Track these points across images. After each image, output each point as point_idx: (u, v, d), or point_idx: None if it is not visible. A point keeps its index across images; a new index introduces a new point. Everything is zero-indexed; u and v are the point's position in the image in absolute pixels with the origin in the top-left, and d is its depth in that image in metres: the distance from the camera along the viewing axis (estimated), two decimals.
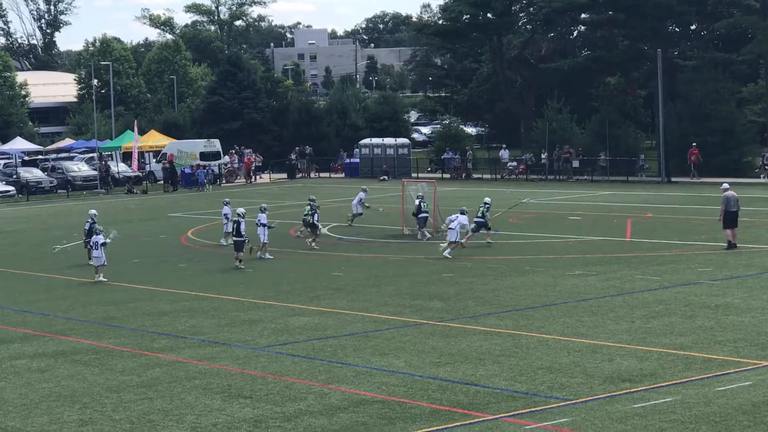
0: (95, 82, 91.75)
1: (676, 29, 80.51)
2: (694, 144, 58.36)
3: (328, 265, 32.34)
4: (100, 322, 24.46)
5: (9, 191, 64.97)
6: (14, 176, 67.90)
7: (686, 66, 71.61)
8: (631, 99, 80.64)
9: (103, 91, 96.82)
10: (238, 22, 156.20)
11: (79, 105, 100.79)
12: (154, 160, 72.77)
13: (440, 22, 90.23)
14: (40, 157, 78.13)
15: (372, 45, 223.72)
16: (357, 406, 16.41)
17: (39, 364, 20.30)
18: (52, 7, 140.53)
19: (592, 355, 19.01)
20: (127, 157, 71.97)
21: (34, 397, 17.78)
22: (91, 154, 74.57)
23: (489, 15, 79.66)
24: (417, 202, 37.94)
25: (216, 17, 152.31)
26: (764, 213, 40.49)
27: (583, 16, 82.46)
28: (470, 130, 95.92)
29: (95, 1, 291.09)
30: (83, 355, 20.99)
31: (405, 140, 73.39)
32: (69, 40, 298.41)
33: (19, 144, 79.42)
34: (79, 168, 71.03)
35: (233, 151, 74.94)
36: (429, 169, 71.68)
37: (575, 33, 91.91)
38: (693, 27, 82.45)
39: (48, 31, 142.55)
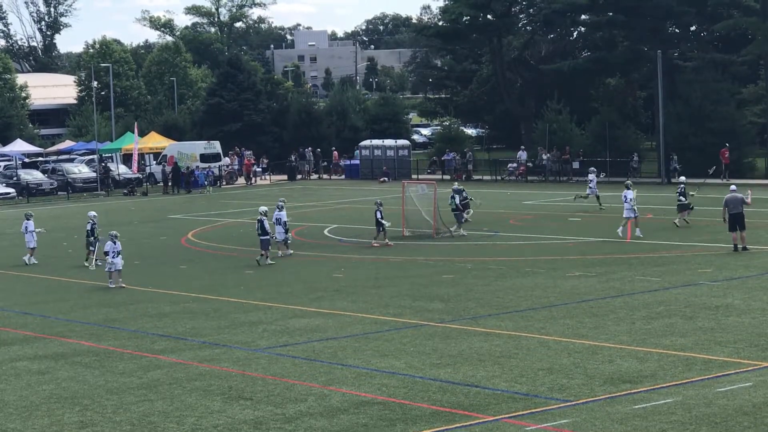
0: (95, 83, 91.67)
1: (676, 30, 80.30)
2: (726, 144, 58.16)
3: (328, 266, 32.34)
4: (100, 323, 24.47)
5: (9, 193, 64.98)
6: (14, 178, 67.90)
7: (686, 67, 71.48)
8: (631, 100, 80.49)
9: (103, 92, 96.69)
10: (238, 24, 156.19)
11: (79, 107, 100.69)
12: (155, 162, 72.78)
13: (440, 23, 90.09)
14: (40, 159, 78.17)
15: (372, 46, 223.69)
16: (357, 407, 16.41)
17: (39, 365, 20.30)
18: (52, 9, 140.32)
19: (593, 357, 19.01)
20: (127, 158, 71.97)
21: (34, 399, 17.78)
22: (91, 156, 74.56)
23: (489, 16, 79.51)
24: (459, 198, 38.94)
25: (216, 19, 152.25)
26: (764, 213, 40.47)
27: (583, 17, 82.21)
28: (470, 131, 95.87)
29: (95, 3, 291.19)
30: (84, 356, 20.99)
31: (405, 142, 73.45)
32: (69, 42, 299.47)
33: (19, 146, 79.44)
34: (80, 170, 71.01)
35: (232, 153, 74.95)
36: (429, 170, 71.64)
37: (575, 34, 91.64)
38: (693, 28, 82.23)
39: (48, 33, 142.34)
